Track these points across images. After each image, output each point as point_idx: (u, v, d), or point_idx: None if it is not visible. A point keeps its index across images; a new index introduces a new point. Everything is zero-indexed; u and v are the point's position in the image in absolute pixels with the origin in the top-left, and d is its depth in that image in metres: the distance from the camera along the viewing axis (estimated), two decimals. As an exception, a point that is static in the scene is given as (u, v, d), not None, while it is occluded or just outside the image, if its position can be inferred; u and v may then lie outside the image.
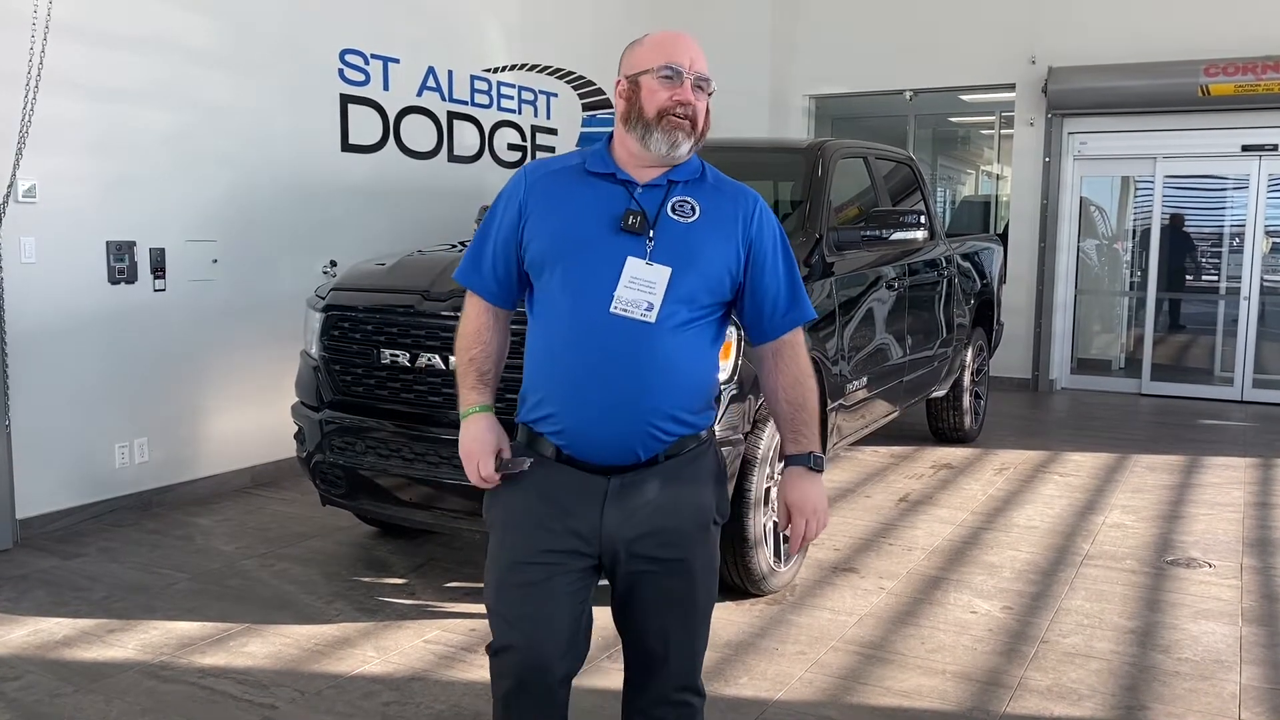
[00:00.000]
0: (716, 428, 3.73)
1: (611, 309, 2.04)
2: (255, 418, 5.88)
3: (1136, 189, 10.00)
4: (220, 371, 5.75)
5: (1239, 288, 9.30)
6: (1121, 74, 9.08)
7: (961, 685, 3.44)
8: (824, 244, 4.83)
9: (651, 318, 2.05)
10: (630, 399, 2.06)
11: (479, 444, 2.14)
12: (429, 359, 3.93)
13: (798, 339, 2.25)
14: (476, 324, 2.21)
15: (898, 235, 5.04)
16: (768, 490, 4.12)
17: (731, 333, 3.86)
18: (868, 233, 5.04)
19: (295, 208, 6.08)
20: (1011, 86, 9.75)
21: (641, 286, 2.06)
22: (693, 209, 2.13)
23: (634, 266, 2.06)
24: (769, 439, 4.06)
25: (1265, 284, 9.24)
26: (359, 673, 3.50)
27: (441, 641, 3.76)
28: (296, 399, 4.48)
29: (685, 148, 2.10)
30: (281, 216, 6.00)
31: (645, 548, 2.11)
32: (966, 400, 7.11)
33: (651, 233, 2.08)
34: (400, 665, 3.56)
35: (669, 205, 2.11)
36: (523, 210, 2.13)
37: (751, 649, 3.73)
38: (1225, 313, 9.57)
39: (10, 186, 4.62)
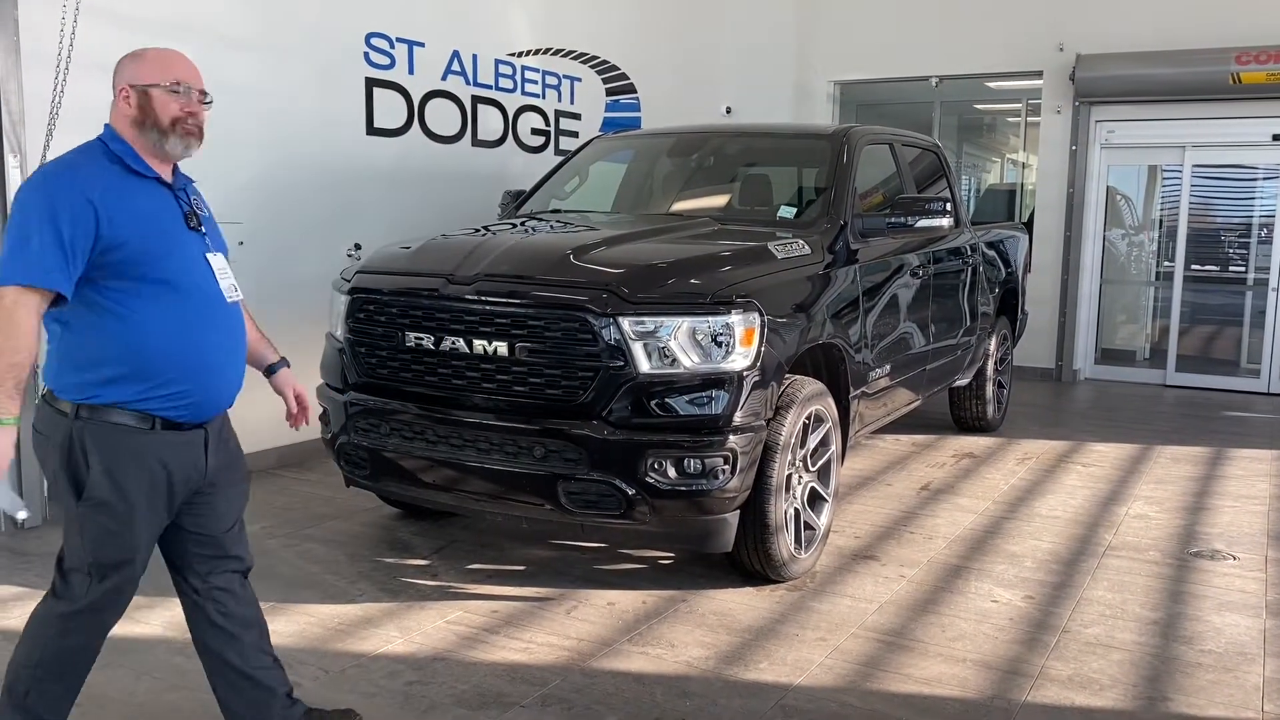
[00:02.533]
0: (738, 415, 3.78)
1: (229, 300, 2.55)
2: (281, 400, 5.91)
3: (1164, 178, 9.90)
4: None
5: (1267, 279, 9.20)
6: (1151, 62, 8.98)
7: (982, 673, 3.44)
8: (848, 231, 4.81)
9: (240, 295, 2.60)
10: (242, 365, 2.66)
11: (7, 459, 2.33)
12: (453, 342, 3.94)
13: None
14: (35, 328, 2.30)
15: (923, 222, 5.01)
16: (789, 477, 4.12)
17: (755, 319, 3.86)
18: (893, 220, 5.02)
19: (320, 191, 6.10)
20: (1039, 74, 9.67)
21: (225, 274, 2.57)
22: (199, 201, 2.62)
23: (215, 261, 2.55)
24: (791, 426, 4.06)
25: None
26: (382, 652, 3.54)
27: (464, 623, 3.79)
28: (322, 381, 4.51)
29: (195, 150, 2.51)
30: (307, 199, 6.03)
31: (226, 462, 2.66)
32: (989, 389, 7.07)
33: (203, 228, 2.55)
34: (423, 645, 3.59)
35: (191, 200, 2.56)
36: (96, 211, 2.31)
37: (771, 634, 3.74)
38: (1253, 304, 9.48)
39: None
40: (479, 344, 3.90)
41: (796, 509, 4.23)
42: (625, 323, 3.73)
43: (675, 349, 3.75)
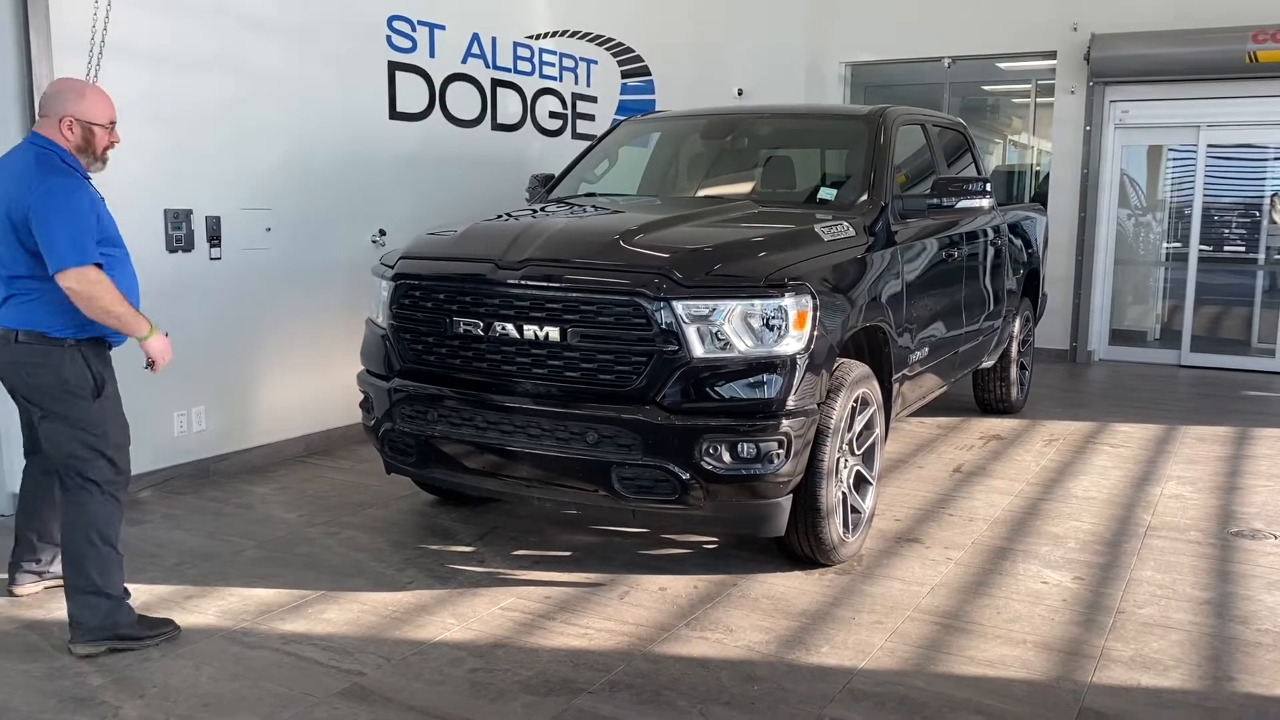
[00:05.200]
0: (791, 398, 3.76)
1: None
2: (308, 386, 5.89)
3: (1177, 158, 9.88)
4: (273, 340, 5.74)
5: (1280, 259, 9.23)
6: (1166, 41, 8.95)
7: (1044, 655, 3.44)
8: (889, 212, 4.78)
9: None
10: None
11: (170, 354, 3.50)
12: (503, 328, 3.91)
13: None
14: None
15: (963, 204, 4.98)
16: (839, 461, 4.10)
17: (808, 302, 3.83)
18: (933, 201, 4.99)
19: (345, 176, 6.04)
20: (1052, 54, 9.64)
21: None
22: None
23: None
24: (841, 409, 4.04)
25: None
26: (441, 640, 3.51)
27: (519, 609, 3.77)
28: (362, 367, 4.47)
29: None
30: (332, 185, 5.97)
31: None
32: (1014, 371, 7.07)
33: None
34: (481, 632, 3.57)
35: None
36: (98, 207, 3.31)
37: (828, 618, 3.73)
38: (1265, 284, 9.49)
39: (73, 154, 4.60)
40: (529, 329, 3.86)
41: (844, 492, 4.21)
42: (679, 306, 3.70)
43: (729, 333, 3.73)
